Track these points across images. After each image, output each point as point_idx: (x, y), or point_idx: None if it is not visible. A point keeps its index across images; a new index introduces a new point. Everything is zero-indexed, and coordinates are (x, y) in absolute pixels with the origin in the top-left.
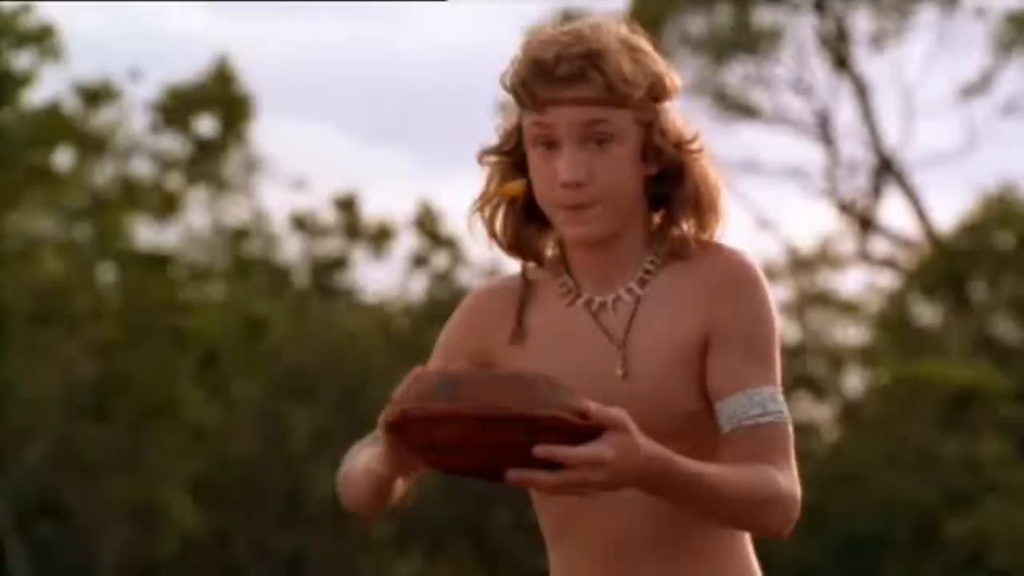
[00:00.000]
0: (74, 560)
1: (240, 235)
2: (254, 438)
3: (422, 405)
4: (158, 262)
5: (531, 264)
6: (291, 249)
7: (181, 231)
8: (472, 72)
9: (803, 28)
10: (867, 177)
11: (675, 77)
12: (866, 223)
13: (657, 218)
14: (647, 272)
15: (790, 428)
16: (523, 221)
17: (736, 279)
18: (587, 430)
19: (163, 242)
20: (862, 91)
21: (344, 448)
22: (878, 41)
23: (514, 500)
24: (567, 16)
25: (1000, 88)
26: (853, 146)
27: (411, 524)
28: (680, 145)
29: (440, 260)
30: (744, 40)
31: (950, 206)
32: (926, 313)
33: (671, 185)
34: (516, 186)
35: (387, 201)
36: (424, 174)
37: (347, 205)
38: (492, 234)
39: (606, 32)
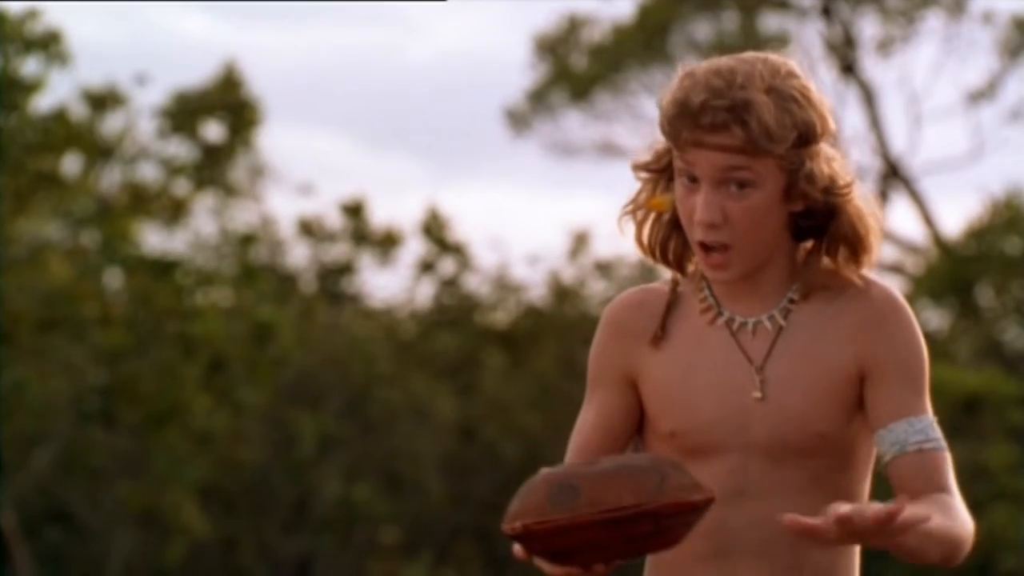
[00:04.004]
0: (81, 565)
1: (247, 241)
2: (261, 444)
3: (544, 518)
4: (165, 268)
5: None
6: (298, 255)
7: (188, 237)
8: (480, 78)
9: (810, 34)
10: (874, 183)
11: (829, 120)
12: None
13: (804, 248)
14: (791, 302)
15: (950, 456)
16: (669, 232)
17: (890, 314)
18: (705, 504)
19: (170, 248)
20: (869, 97)
21: (351, 453)
22: (885, 47)
23: None
24: (576, 23)
25: (1007, 94)
26: (860, 152)
27: (418, 529)
28: (831, 190)
29: (447, 266)
30: (751, 46)
31: (957, 212)
32: (933, 319)
33: (821, 220)
34: (664, 200)
35: (394, 207)
36: (431, 180)
37: (354, 211)
38: (639, 240)
39: (758, 79)
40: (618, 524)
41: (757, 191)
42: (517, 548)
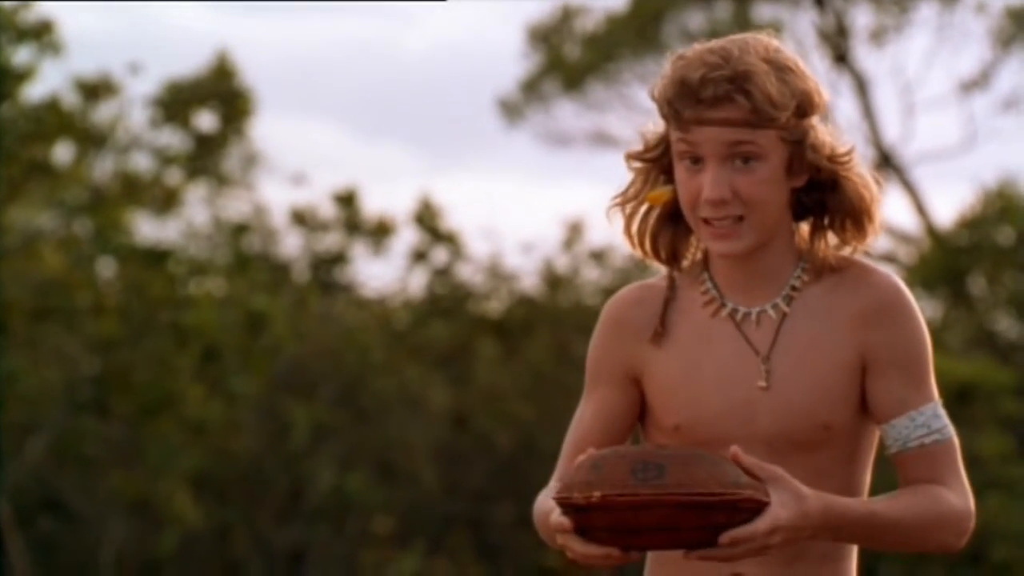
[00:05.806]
0: (75, 555)
1: (240, 230)
2: (254, 433)
3: (626, 491)
4: (158, 257)
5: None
6: (291, 244)
7: (181, 226)
8: (473, 68)
9: (803, 23)
10: (867, 172)
11: (823, 92)
12: None
13: (804, 229)
14: (794, 289)
15: (955, 440)
16: (660, 227)
17: (892, 304)
18: (766, 507)
19: (163, 237)
20: (862, 86)
21: (344, 442)
22: (878, 36)
23: (515, 495)
24: (569, 12)
25: (1000, 83)
26: (853, 141)
27: (412, 519)
28: (833, 158)
29: (440, 255)
30: None
31: (950, 201)
32: (926, 308)
33: (823, 195)
34: (664, 192)
35: (387, 196)
36: (424, 170)
37: (347, 200)
38: (628, 233)
39: (753, 52)
40: (700, 509)
41: (763, 164)
42: (561, 521)
